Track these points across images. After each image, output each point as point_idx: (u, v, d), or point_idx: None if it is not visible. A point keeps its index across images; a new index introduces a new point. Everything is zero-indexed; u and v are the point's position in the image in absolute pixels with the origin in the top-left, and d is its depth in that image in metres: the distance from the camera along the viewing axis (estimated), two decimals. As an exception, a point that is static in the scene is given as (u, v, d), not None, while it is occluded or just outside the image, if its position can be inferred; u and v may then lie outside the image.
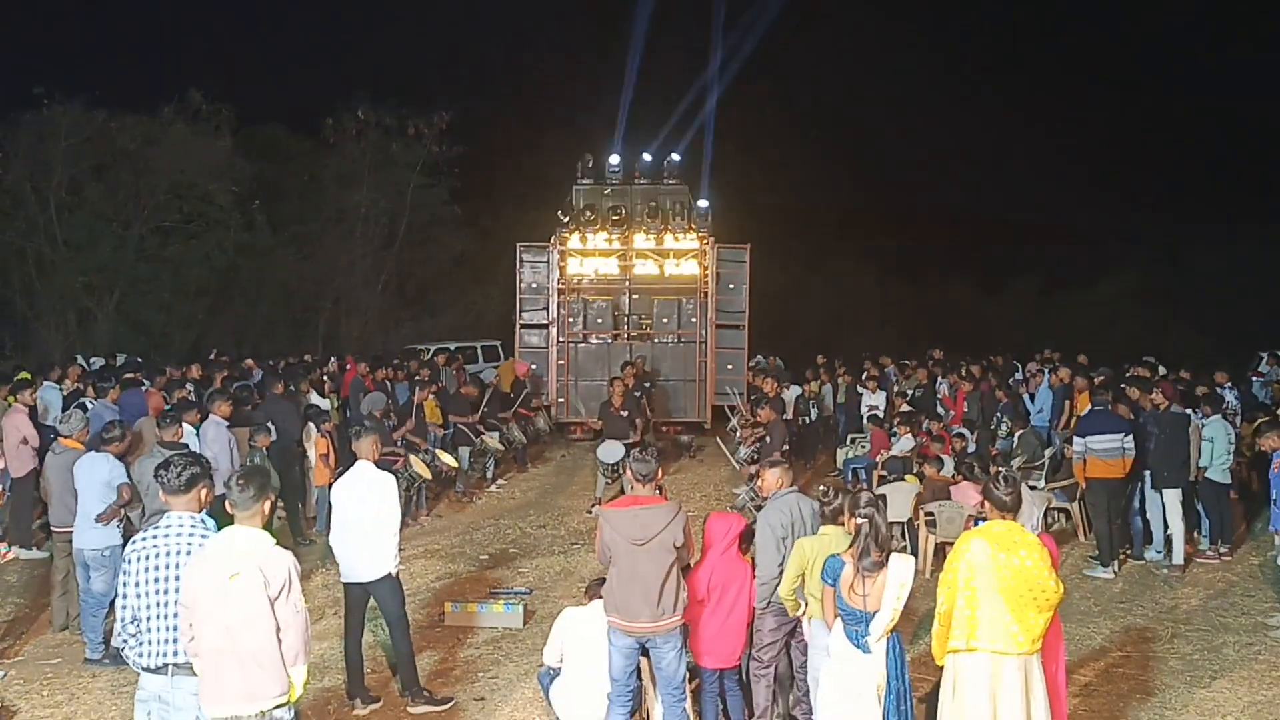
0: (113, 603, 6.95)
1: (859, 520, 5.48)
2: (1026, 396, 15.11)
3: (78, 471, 8.08)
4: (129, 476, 8.13)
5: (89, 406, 10.78)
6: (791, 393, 16.70)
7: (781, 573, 6.04)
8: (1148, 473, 10.57)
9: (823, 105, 32.97)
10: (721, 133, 29.90)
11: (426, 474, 12.54)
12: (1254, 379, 18.08)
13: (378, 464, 7.09)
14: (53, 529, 8.85)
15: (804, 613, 5.96)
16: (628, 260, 18.61)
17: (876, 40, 34.36)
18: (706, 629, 6.23)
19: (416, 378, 15.63)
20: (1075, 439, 10.60)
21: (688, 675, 6.12)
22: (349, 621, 7.13)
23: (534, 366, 18.31)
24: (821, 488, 6.27)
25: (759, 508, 6.93)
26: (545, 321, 18.66)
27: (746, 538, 6.40)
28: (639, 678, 6.15)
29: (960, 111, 34.43)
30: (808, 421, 16.89)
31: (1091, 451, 10.28)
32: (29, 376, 13.00)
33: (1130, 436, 10.30)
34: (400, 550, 7.16)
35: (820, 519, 6.07)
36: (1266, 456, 9.13)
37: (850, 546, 5.51)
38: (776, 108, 33.53)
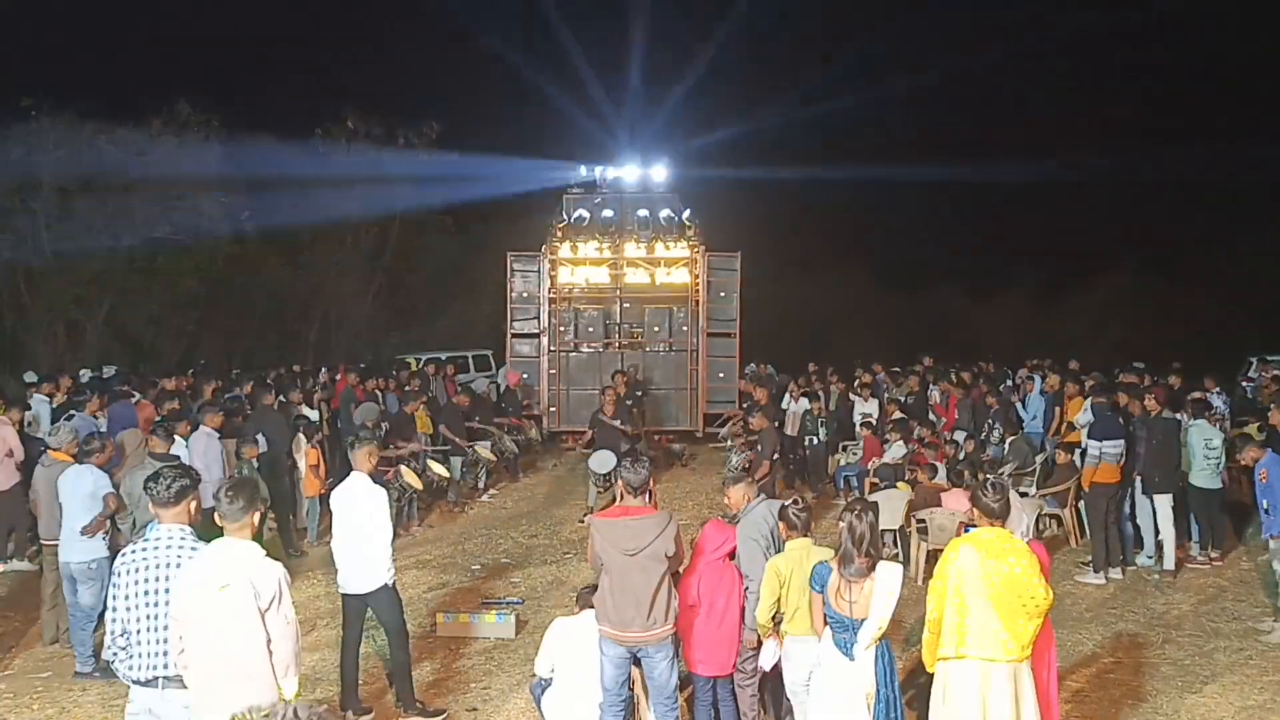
0: (102, 615, 6.93)
1: (840, 526, 5.50)
2: (1018, 403, 15.14)
3: (61, 485, 8.06)
4: (114, 487, 8.11)
5: (73, 416, 10.77)
6: (799, 406, 15.54)
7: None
8: (1139, 478, 10.62)
9: (814, 111, 33.06)
10: (713, 141, 30.01)
11: (418, 484, 12.51)
12: (1244, 384, 18.15)
13: (370, 476, 7.09)
14: (42, 542, 8.82)
15: (782, 629, 5.96)
16: (618, 269, 18.62)
17: (868, 45, 34.50)
18: (699, 637, 6.22)
19: (406, 388, 15.61)
20: (1091, 442, 10.55)
21: (679, 684, 6.11)
22: (347, 633, 7.12)
23: (525, 376, 18.30)
24: (791, 500, 6.26)
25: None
26: (536, 331, 18.65)
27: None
28: (631, 687, 6.15)
29: (953, 116, 34.61)
30: (816, 441, 15.08)
31: (1105, 456, 10.31)
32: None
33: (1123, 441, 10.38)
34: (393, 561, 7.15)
35: (790, 533, 6.06)
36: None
37: (835, 554, 5.52)
38: (768, 114, 33.65)
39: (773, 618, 5.93)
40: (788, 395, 16.12)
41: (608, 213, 18.63)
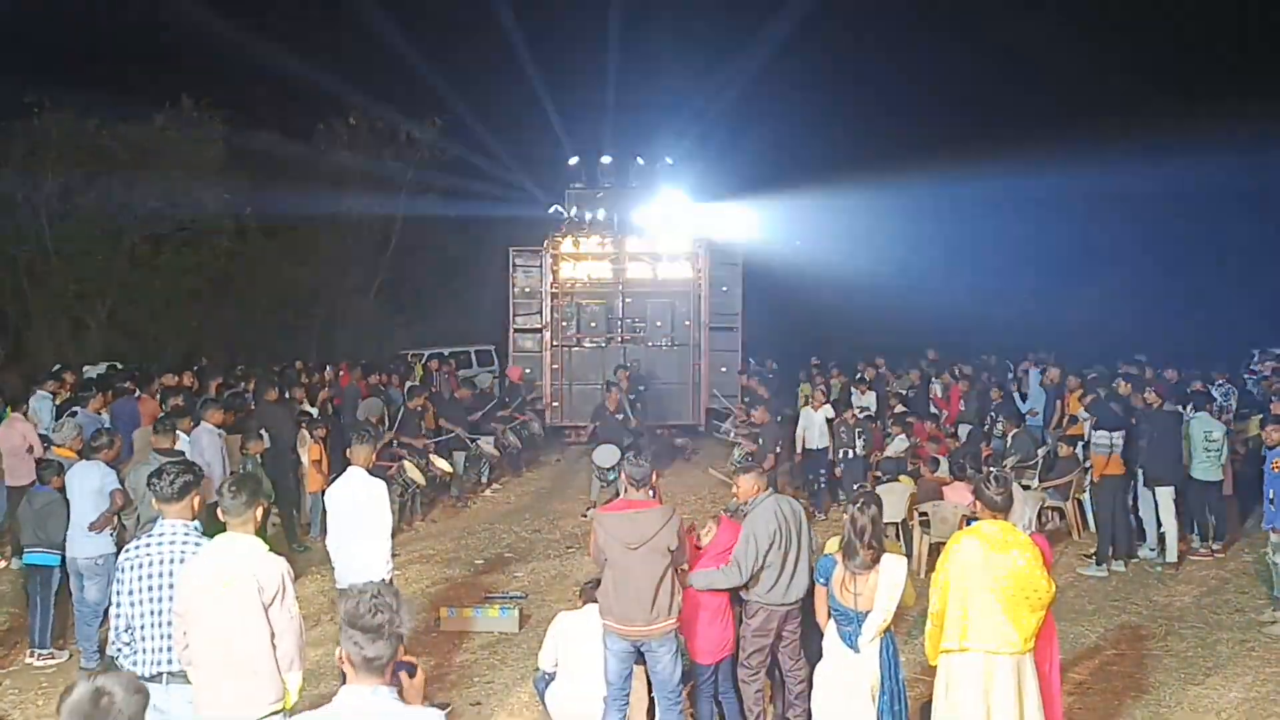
0: (107, 611, 6.95)
1: (845, 518, 5.51)
2: (1017, 396, 15.13)
3: (70, 481, 8.08)
4: (121, 483, 8.14)
5: (76, 413, 10.80)
6: (820, 415, 13.46)
7: (754, 576, 6.10)
8: (1141, 471, 10.63)
9: (814, 106, 32.97)
10: (714, 133, 29.98)
11: (421, 479, 12.54)
12: (1248, 376, 18.13)
13: (371, 470, 7.11)
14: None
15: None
16: (620, 263, 18.62)
17: (868, 37, 34.43)
18: (702, 626, 6.26)
19: (409, 383, 15.63)
20: (1101, 433, 10.54)
21: (682, 678, 6.13)
22: (345, 629, 7.13)
23: (528, 371, 18.32)
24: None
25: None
26: (539, 326, 18.65)
27: None
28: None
29: (953, 109, 34.51)
30: (852, 454, 13.09)
31: (1114, 448, 10.35)
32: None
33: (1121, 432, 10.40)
34: (395, 556, 7.17)
35: None
36: (1257, 454, 9.18)
37: (839, 546, 5.53)
38: (768, 107, 33.56)
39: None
40: (807, 406, 14.07)
41: (609, 207, 18.63)
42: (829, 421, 13.43)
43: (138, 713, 2.89)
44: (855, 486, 11.51)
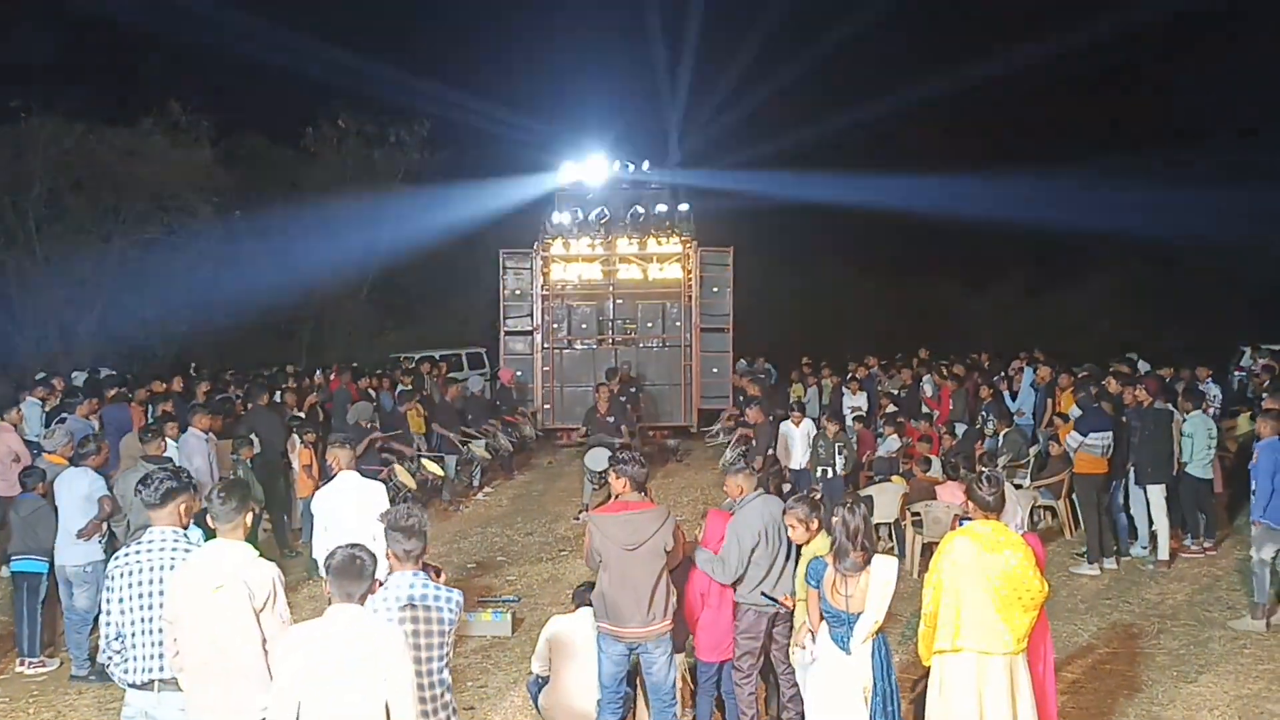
0: (97, 619, 6.92)
1: (833, 520, 5.49)
2: (1007, 395, 15.15)
3: (58, 488, 8.04)
4: (110, 489, 8.10)
5: (66, 419, 10.74)
6: (802, 430, 12.37)
7: (740, 577, 6.11)
8: (1132, 469, 10.64)
9: (807, 104, 32.99)
10: (704, 134, 30.02)
11: (412, 483, 12.48)
12: (1236, 372, 18.17)
13: (362, 474, 7.08)
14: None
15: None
16: (611, 265, 18.62)
17: (860, 39, 34.41)
18: (706, 624, 6.27)
19: (400, 388, 15.60)
20: (1073, 435, 10.61)
21: (679, 681, 6.12)
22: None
23: (519, 373, 18.30)
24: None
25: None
26: (530, 328, 18.64)
27: None
28: (629, 685, 6.15)
29: (946, 111, 34.58)
30: (831, 473, 11.64)
31: (1085, 448, 10.36)
32: None
33: (1110, 433, 10.41)
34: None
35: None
36: (1247, 451, 9.19)
37: (829, 548, 5.52)
38: (759, 107, 33.58)
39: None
40: (787, 420, 12.75)
41: (599, 209, 18.62)
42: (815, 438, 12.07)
43: (375, 568, 4.21)
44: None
